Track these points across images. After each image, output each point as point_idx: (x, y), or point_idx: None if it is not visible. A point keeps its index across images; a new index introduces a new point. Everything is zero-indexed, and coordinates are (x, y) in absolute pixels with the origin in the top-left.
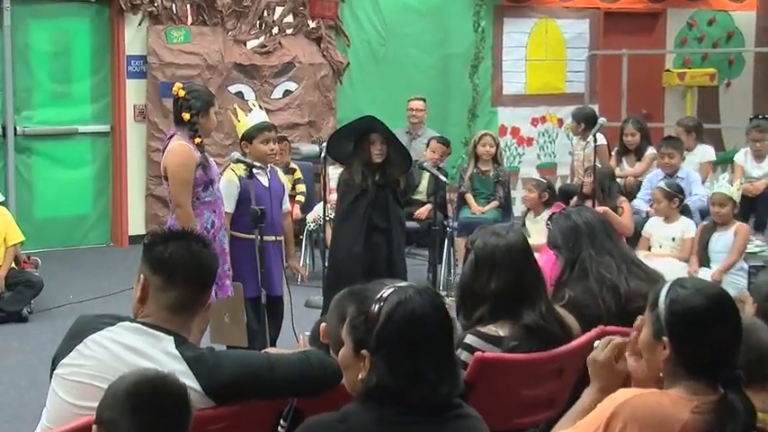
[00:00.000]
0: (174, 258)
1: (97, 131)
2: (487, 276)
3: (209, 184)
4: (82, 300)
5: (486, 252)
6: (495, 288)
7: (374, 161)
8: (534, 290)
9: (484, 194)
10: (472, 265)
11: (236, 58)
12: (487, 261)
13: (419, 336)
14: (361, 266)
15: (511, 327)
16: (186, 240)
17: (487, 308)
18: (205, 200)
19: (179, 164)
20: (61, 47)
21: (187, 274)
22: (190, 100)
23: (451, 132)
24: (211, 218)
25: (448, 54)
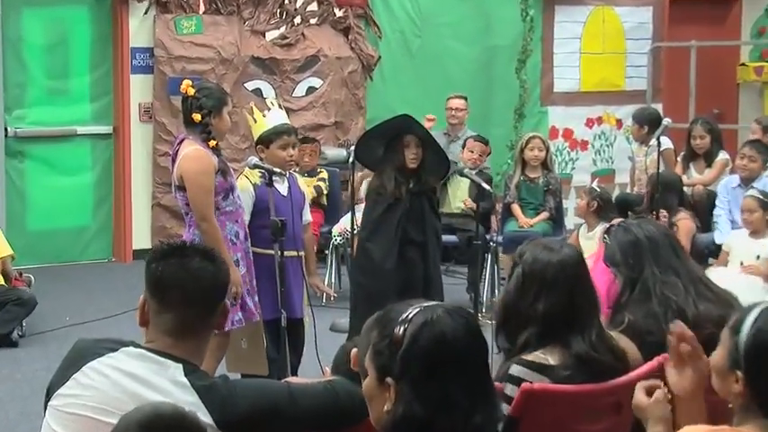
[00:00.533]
0: (165, 277)
1: (98, 133)
2: (535, 296)
3: (229, 191)
4: (80, 322)
5: (535, 268)
6: (545, 310)
7: (408, 166)
8: (586, 315)
9: (532, 205)
10: (519, 282)
11: (254, 51)
12: (536, 278)
13: (448, 359)
14: (394, 285)
15: (561, 353)
16: (183, 256)
17: (534, 331)
18: (226, 209)
19: (198, 170)
20: (58, 38)
21: (180, 294)
22: (200, 99)
23: (495, 134)
24: (234, 228)
25: (491, 46)
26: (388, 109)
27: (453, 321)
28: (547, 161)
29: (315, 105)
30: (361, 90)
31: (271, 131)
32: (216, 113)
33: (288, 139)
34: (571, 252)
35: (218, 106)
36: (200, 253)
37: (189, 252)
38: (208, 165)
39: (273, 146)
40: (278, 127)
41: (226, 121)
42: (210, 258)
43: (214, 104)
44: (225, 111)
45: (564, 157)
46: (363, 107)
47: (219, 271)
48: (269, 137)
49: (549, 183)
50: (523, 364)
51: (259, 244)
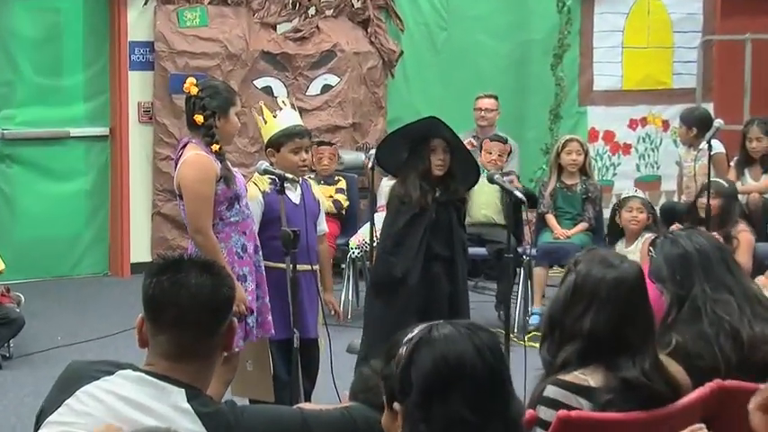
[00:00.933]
0: (158, 295)
1: (93, 135)
2: (583, 310)
3: (234, 200)
4: (72, 342)
5: (588, 282)
6: (591, 327)
7: (434, 173)
8: (639, 339)
9: (569, 214)
10: (568, 293)
11: (264, 46)
12: (587, 293)
13: (451, 379)
14: (416, 303)
15: (605, 375)
16: (178, 271)
17: (576, 348)
18: (230, 220)
19: (195, 178)
20: (49, 31)
21: (175, 314)
22: (204, 98)
23: (529, 137)
24: (241, 241)
25: (525, 41)
26: (411, 109)
27: (460, 340)
28: (585, 166)
29: (330, 105)
30: (382, 88)
31: (281, 133)
32: (221, 114)
33: (300, 141)
34: (631, 269)
35: (224, 107)
36: (199, 267)
37: (185, 266)
38: (207, 172)
39: (284, 149)
40: (289, 129)
41: (233, 123)
42: (210, 272)
43: (219, 105)
44: (232, 112)
45: (604, 163)
46: (384, 107)
47: (221, 286)
48: (279, 139)
49: (588, 190)
50: (560, 384)
51: (269, 257)
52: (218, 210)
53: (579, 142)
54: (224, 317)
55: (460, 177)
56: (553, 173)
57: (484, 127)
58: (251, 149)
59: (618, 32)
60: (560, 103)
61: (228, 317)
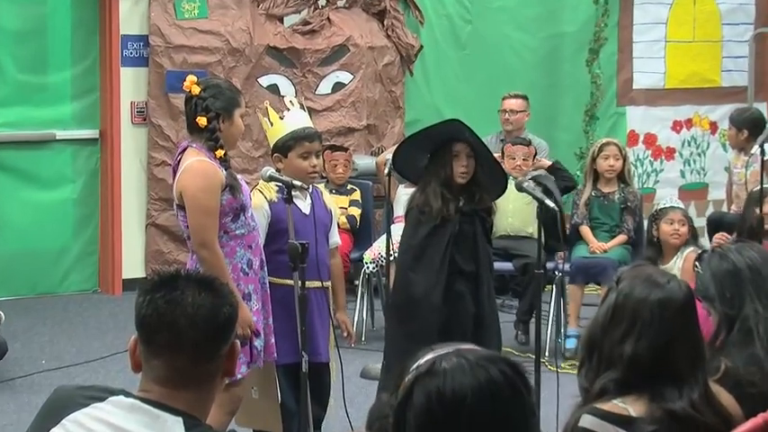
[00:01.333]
0: (150, 315)
1: (81, 138)
2: (623, 334)
3: (239, 211)
4: (58, 366)
5: (629, 302)
6: (632, 353)
7: (457, 181)
8: (689, 366)
9: (606, 226)
10: (608, 314)
11: (270, 40)
12: (628, 314)
13: (445, 419)
14: (439, 324)
15: (648, 405)
16: (173, 289)
17: (615, 377)
18: (236, 233)
19: (200, 187)
20: (34, 24)
21: (169, 337)
22: (206, 99)
23: (561, 141)
24: (247, 256)
25: (557, 34)
26: (432, 109)
27: (463, 375)
28: (624, 173)
29: (343, 105)
30: (399, 87)
31: (289, 137)
32: (226, 117)
33: (310, 145)
34: (679, 289)
35: (229, 108)
36: (197, 283)
37: (182, 283)
38: (212, 180)
39: (292, 154)
40: (298, 132)
41: (238, 126)
42: (210, 289)
43: (223, 106)
44: (237, 113)
45: (645, 169)
46: (401, 107)
47: (222, 304)
48: (287, 143)
49: (627, 199)
50: (597, 414)
51: (276, 272)
52: (223, 222)
53: (617, 146)
54: (225, 339)
55: (486, 185)
56: (588, 180)
57: (510, 131)
58: (255, 154)
59: (660, 25)
60: (596, 102)
61: (230, 339)
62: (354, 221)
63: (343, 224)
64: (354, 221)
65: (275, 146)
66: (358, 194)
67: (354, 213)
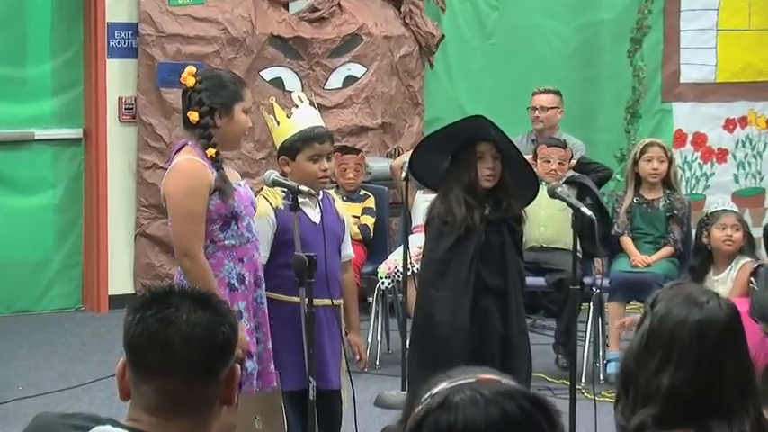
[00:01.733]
0: (140, 335)
1: (63, 138)
2: (660, 363)
3: (230, 219)
4: (38, 393)
5: (666, 326)
6: (671, 385)
7: (482, 185)
8: (737, 396)
9: (650, 237)
10: (643, 340)
11: (274, 29)
12: (665, 340)
13: None
14: (465, 346)
15: None
16: (167, 305)
17: (655, 411)
18: (224, 243)
19: (184, 189)
20: (10, 12)
21: (161, 359)
22: (201, 91)
23: (599, 141)
24: (237, 269)
25: (594, 22)
26: (454, 106)
27: (475, 411)
28: (669, 177)
29: (355, 101)
30: (418, 81)
31: (297, 137)
32: (223, 112)
33: (320, 147)
34: (720, 309)
35: (227, 102)
36: (192, 300)
37: (175, 300)
38: (198, 182)
39: (301, 156)
40: (307, 131)
41: (239, 123)
42: (207, 306)
43: (220, 100)
44: (238, 109)
45: (694, 172)
46: (420, 104)
47: (221, 324)
48: (295, 144)
49: (673, 207)
50: None
51: (281, 288)
52: (210, 229)
53: (662, 147)
54: (223, 361)
55: (515, 191)
56: (630, 185)
57: (541, 130)
58: (257, 156)
59: (711, 11)
60: (639, 98)
61: (229, 362)
62: (368, 232)
63: (355, 235)
64: (368, 232)
65: (282, 147)
66: (372, 201)
67: (368, 222)
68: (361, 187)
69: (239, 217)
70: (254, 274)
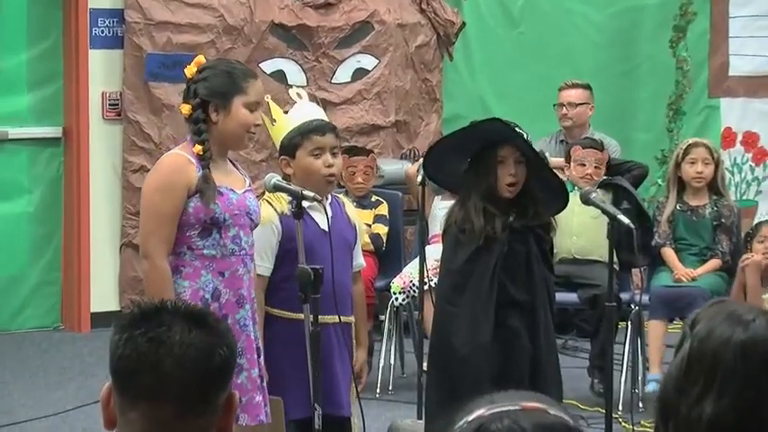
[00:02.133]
0: (128, 357)
1: (41, 137)
2: (702, 390)
3: (210, 225)
4: (12, 422)
5: (708, 347)
6: (714, 414)
7: (503, 194)
8: None
9: (695, 248)
10: (683, 365)
11: (275, 16)
12: (707, 364)
13: None
14: (488, 368)
15: None
16: (158, 324)
17: None
18: (203, 252)
19: (157, 185)
20: None
21: (152, 383)
22: (198, 81)
23: (638, 141)
24: (214, 284)
25: (632, 7)
26: (476, 102)
27: None
28: (716, 181)
29: (366, 97)
30: (436, 74)
31: (295, 132)
32: (219, 105)
33: (321, 139)
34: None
35: (224, 94)
36: (186, 318)
37: (167, 317)
38: (174, 177)
39: (301, 153)
40: (304, 125)
41: (238, 119)
42: (203, 325)
43: (215, 91)
44: (237, 102)
45: (744, 176)
46: (438, 100)
47: (218, 345)
48: (293, 141)
49: (721, 214)
50: None
51: (288, 304)
52: (188, 234)
53: (707, 148)
54: (220, 387)
55: (542, 198)
56: (672, 190)
57: (570, 128)
58: (256, 157)
59: None
60: (682, 93)
61: (226, 388)
62: (380, 242)
63: (366, 245)
64: (380, 242)
65: (281, 147)
66: (384, 208)
67: (380, 231)
68: (373, 192)
69: (223, 226)
70: (237, 292)
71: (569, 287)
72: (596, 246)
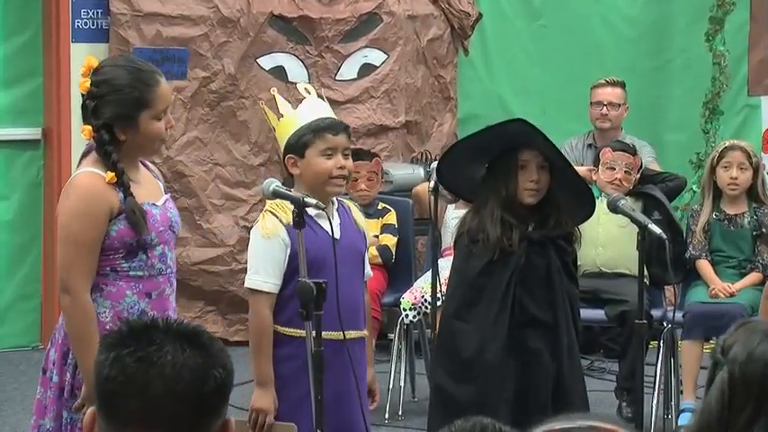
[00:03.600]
0: (114, 378)
1: (18, 139)
2: (751, 416)
3: (138, 248)
4: None
5: (752, 370)
6: None
7: (524, 201)
8: None
9: (733, 260)
10: (722, 396)
11: (275, 7)
12: (754, 388)
13: None
14: (501, 392)
15: None
16: (149, 343)
17: None
18: (128, 274)
19: (74, 211)
20: None
21: (138, 407)
22: (96, 98)
23: (671, 143)
24: (140, 305)
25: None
26: (494, 101)
27: None
28: (756, 187)
29: (373, 95)
30: (450, 70)
31: (306, 129)
32: (128, 126)
33: (335, 139)
34: None
35: (129, 114)
36: (179, 337)
37: (158, 336)
38: (95, 204)
39: (312, 152)
40: (318, 122)
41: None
42: (197, 345)
43: (118, 112)
44: (145, 118)
45: None
46: (453, 98)
47: (212, 366)
48: (303, 138)
49: (762, 224)
50: None
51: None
52: (112, 257)
53: (744, 151)
54: (214, 414)
55: (566, 206)
56: (707, 197)
57: (606, 130)
58: (254, 161)
59: None
60: (720, 92)
61: (221, 413)
62: (389, 253)
63: (374, 257)
64: (389, 253)
65: (287, 145)
66: (393, 217)
67: (388, 243)
68: (380, 200)
69: (149, 246)
70: (164, 314)
71: (595, 303)
72: (624, 258)
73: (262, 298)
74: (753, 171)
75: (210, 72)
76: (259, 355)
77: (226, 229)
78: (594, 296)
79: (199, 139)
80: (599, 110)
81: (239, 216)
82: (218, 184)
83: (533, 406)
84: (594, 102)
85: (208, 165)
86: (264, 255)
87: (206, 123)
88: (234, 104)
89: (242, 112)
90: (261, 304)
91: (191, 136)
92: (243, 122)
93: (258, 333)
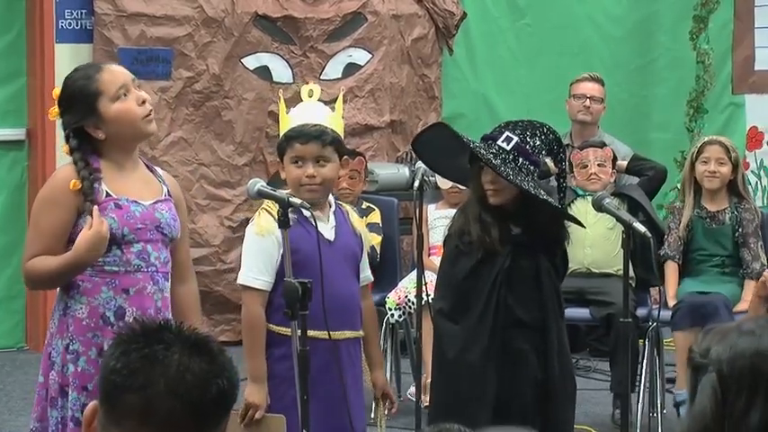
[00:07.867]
0: (119, 371)
1: (2, 140)
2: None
3: (110, 242)
4: None
5: (739, 366)
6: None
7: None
8: None
9: (716, 258)
10: (714, 393)
11: (259, 6)
12: (746, 379)
13: None
14: (486, 395)
15: None
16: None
17: None
18: (104, 269)
19: (42, 196)
20: None
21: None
22: (63, 115)
23: (656, 141)
24: (117, 301)
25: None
26: (479, 100)
27: None
28: (737, 183)
29: (358, 94)
30: (435, 69)
31: (283, 136)
32: (92, 121)
33: (302, 148)
34: None
35: (86, 110)
36: (188, 342)
37: (168, 338)
38: (61, 195)
39: (286, 159)
40: (292, 130)
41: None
42: (204, 352)
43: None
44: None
45: None
46: (437, 97)
47: (217, 375)
48: (281, 145)
49: (743, 219)
50: None
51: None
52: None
53: (723, 146)
54: (213, 422)
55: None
56: (688, 194)
57: (585, 124)
58: (238, 161)
59: None
60: (704, 90)
61: (220, 424)
62: (374, 253)
63: None
64: (374, 253)
65: (278, 147)
66: (377, 216)
67: (374, 242)
68: (364, 199)
69: (123, 241)
70: (145, 311)
71: (580, 303)
72: (611, 258)
73: (254, 295)
74: (732, 166)
75: (195, 72)
76: (252, 352)
77: (211, 229)
78: (580, 296)
79: (183, 139)
80: (581, 102)
81: (224, 216)
82: (202, 185)
83: (516, 407)
84: (576, 94)
85: (192, 165)
86: (258, 252)
87: (191, 123)
88: (218, 104)
89: (227, 113)
90: (253, 301)
91: (175, 136)
92: (227, 122)
93: (251, 329)
